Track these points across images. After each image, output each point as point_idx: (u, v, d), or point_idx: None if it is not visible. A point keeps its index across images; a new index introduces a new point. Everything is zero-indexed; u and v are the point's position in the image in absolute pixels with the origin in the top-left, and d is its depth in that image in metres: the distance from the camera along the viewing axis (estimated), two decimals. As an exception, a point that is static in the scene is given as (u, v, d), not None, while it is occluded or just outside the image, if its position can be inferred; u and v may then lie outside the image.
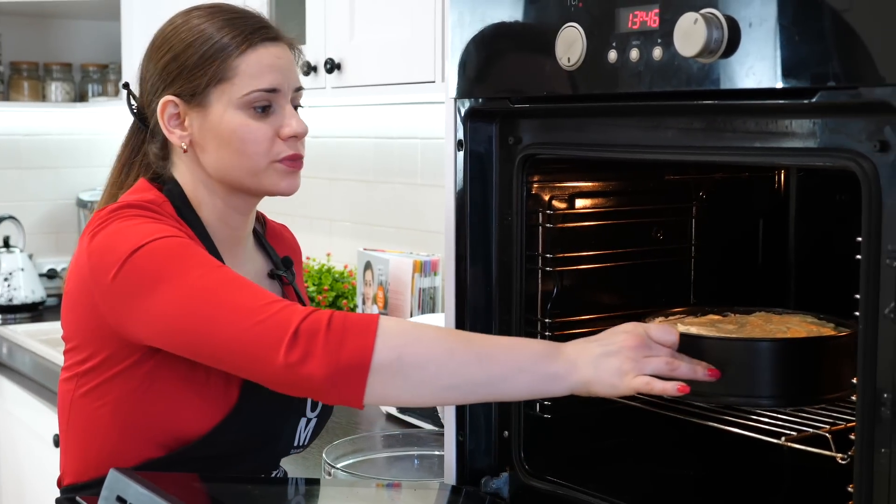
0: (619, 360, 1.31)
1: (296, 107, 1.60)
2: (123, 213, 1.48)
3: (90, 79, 4.06)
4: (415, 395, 1.33)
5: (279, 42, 1.58)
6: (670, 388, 1.30)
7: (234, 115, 1.54)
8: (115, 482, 1.35)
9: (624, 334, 1.33)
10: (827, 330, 1.50)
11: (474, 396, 1.37)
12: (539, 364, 1.32)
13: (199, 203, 1.59)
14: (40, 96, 3.98)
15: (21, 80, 3.95)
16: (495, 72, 1.45)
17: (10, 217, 3.85)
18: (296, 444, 1.64)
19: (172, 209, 1.57)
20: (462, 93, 1.51)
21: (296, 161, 1.58)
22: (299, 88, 1.61)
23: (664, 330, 1.35)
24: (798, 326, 1.51)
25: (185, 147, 1.57)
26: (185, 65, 1.54)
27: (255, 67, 1.54)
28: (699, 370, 1.32)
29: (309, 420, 1.64)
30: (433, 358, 1.32)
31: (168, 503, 1.29)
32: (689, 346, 1.35)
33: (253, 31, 1.55)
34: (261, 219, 1.78)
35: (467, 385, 1.32)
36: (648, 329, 1.34)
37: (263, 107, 1.55)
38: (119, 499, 1.33)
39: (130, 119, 1.68)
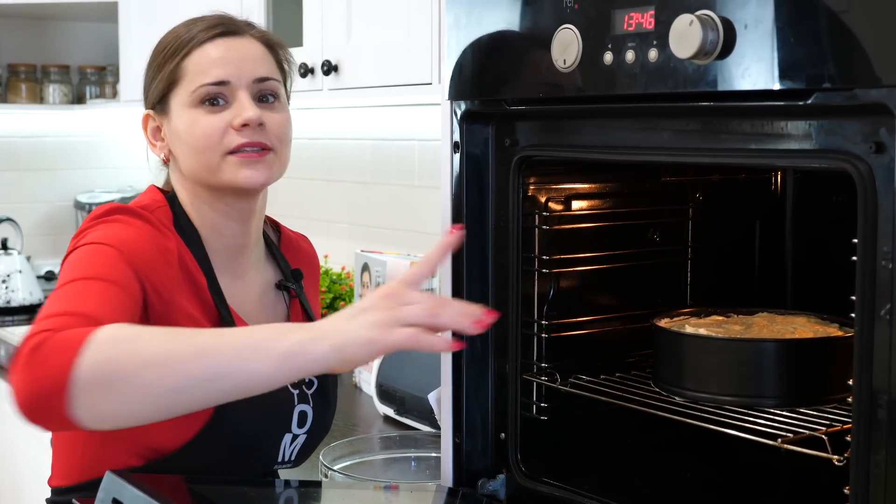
0: (372, 314, 1.18)
1: (263, 98, 1.56)
2: (108, 217, 1.49)
3: (88, 81, 4.05)
4: (135, 407, 1.20)
5: (237, 36, 1.56)
6: (441, 344, 1.19)
7: (188, 113, 1.53)
8: (111, 484, 1.35)
9: (377, 289, 1.23)
10: (833, 330, 1.52)
11: (206, 395, 1.21)
12: (269, 345, 1.18)
13: (191, 212, 1.59)
14: (38, 98, 3.98)
15: (19, 83, 3.95)
16: (491, 74, 1.45)
17: (8, 219, 3.85)
18: (280, 459, 1.61)
19: (171, 214, 1.56)
20: (458, 95, 1.50)
21: (253, 150, 1.53)
22: (265, 79, 1.56)
23: (416, 272, 1.24)
24: (804, 327, 1.53)
25: (164, 157, 1.60)
26: (151, 76, 1.57)
27: (200, 65, 1.53)
28: (465, 321, 1.19)
29: (296, 436, 1.61)
30: (147, 362, 1.18)
31: (165, 506, 1.29)
32: (700, 347, 1.36)
33: (204, 29, 1.54)
34: (276, 227, 1.76)
35: (191, 384, 1.18)
36: (404, 277, 1.24)
37: (216, 101, 1.52)
38: (115, 501, 1.33)
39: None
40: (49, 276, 4.02)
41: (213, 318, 1.54)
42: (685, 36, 1.19)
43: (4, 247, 3.77)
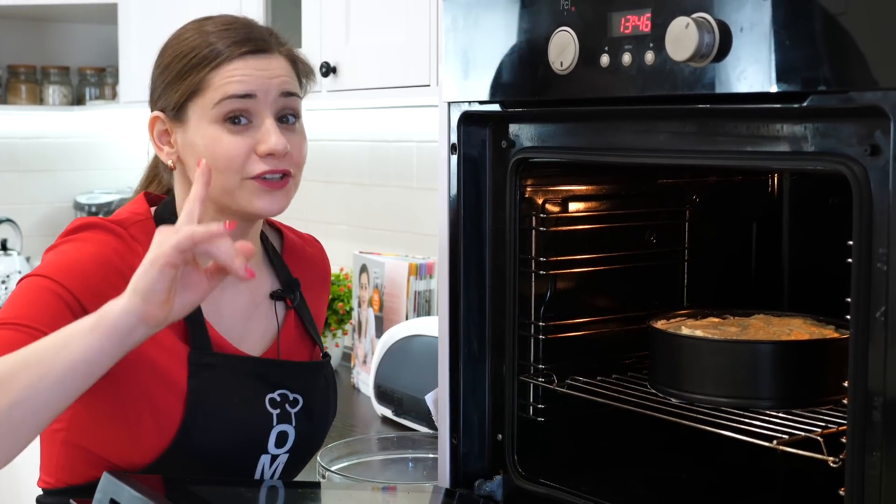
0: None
1: (284, 118, 1.51)
2: (75, 235, 1.48)
3: (87, 82, 4.06)
4: None
5: (265, 54, 1.50)
6: (230, 262, 1.25)
7: (209, 129, 1.48)
8: (108, 485, 1.35)
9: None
10: (829, 331, 1.52)
11: (49, 395, 1.26)
12: (83, 325, 1.26)
13: None
14: (38, 100, 3.99)
15: (19, 84, 3.96)
16: (488, 76, 1.45)
17: (8, 220, 3.85)
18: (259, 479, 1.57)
19: (151, 227, 1.50)
20: (455, 97, 1.51)
21: (275, 178, 1.48)
22: (290, 94, 1.51)
23: (188, 210, 1.31)
24: (800, 329, 1.53)
25: (171, 164, 1.54)
26: (168, 79, 1.51)
27: (226, 78, 1.47)
28: (237, 261, 1.26)
29: (275, 457, 1.56)
30: None
31: (160, 506, 1.29)
32: (697, 349, 1.36)
33: (233, 43, 1.49)
34: (279, 232, 1.71)
35: (26, 392, 1.24)
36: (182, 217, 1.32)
37: (239, 120, 1.47)
38: (112, 501, 1.33)
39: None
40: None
41: (181, 334, 1.50)
42: (681, 39, 1.19)
43: (4, 248, 3.78)
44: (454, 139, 1.52)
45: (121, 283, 1.39)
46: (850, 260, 1.13)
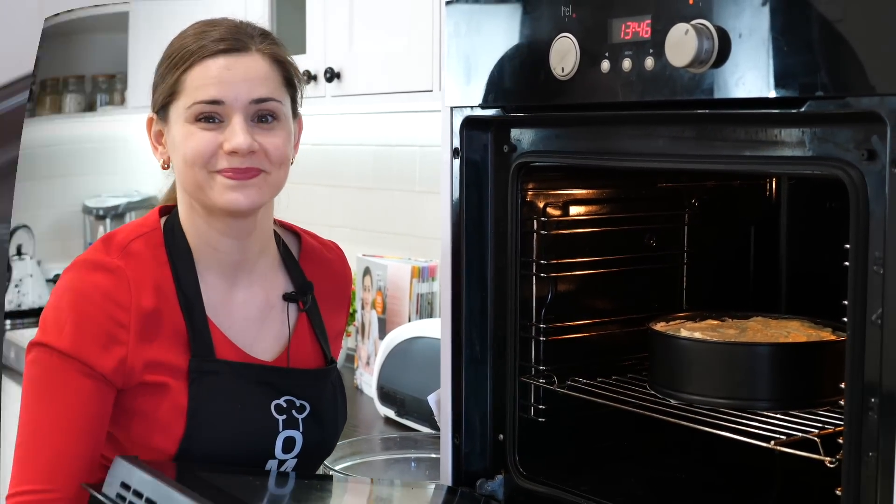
0: None
1: (262, 118, 1.51)
2: (71, 282, 1.55)
3: (99, 89, 4.09)
4: None
5: (238, 53, 1.50)
6: None
7: (184, 127, 1.50)
8: (120, 469, 1.37)
9: None
10: (826, 334, 1.53)
11: None
12: None
13: (187, 225, 1.56)
14: (58, 109, 4.03)
15: (45, 96, 4.00)
16: (490, 81, 1.47)
17: (24, 226, 3.88)
18: None
19: (160, 237, 1.55)
20: (458, 101, 1.53)
21: (240, 172, 1.49)
22: (263, 100, 1.50)
23: None
24: (798, 331, 1.54)
25: (162, 163, 1.58)
26: (155, 82, 1.55)
27: (198, 81, 1.48)
28: None
29: (283, 461, 1.57)
30: None
31: (171, 488, 1.31)
32: (695, 351, 1.37)
33: (208, 43, 1.50)
34: (298, 238, 1.71)
35: None
36: None
37: (213, 118, 1.49)
38: (123, 485, 1.35)
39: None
40: (57, 280, 4.05)
41: (185, 343, 1.52)
42: (681, 45, 1.21)
43: (19, 253, 3.81)
44: (456, 143, 1.54)
45: (112, 325, 1.48)
46: (846, 263, 1.15)
